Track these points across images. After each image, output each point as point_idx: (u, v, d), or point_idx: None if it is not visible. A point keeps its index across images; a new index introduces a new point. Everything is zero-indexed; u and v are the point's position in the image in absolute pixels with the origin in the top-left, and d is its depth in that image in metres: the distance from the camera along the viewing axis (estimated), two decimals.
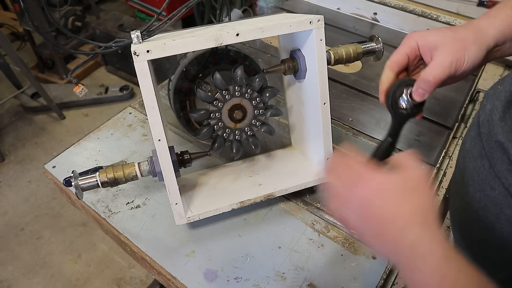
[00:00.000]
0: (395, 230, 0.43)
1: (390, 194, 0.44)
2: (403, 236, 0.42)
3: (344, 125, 1.00)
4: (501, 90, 0.53)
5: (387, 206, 0.44)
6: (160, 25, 0.62)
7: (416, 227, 0.42)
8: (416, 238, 0.41)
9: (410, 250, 0.41)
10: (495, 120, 0.51)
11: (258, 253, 0.72)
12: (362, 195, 0.46)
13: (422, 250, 0.40)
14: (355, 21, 1.42)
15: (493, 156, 0.51)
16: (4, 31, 3.04)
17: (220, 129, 0.73)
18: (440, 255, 0.39)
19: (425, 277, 0.39)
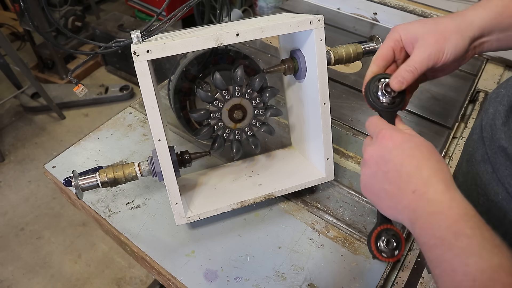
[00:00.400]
0: (418, 184, 0.43)
1: (411, 152, 0.46)
2: (426, 190, 0.42)
3: (344, 125, 1.00)
4: (504, 94, 0.53)
5: (409, 161, 0.45)
6: (160, 25, 0.62)
7: (439, 184, 0.42)
8: (438, 193, 0.41)
9: (430, 205, 0.41)
10: (498, 125, 0.51)
11: (258, 253, 0.72)
12: (383, 150, 0.47)
13: (442, 205, 0.40)
14: (355, 21, 1.42)
15: (496, 161, 0.51)
16: (4, 31, 3.04)
17: (220, 129, 0.73)
18: (459, 212, 0.39)
19: (441, 232, 0.39)
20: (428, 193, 0.42)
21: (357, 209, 0.80)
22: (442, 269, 0.38)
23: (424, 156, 0.45)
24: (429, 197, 0.42)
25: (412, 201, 0.43)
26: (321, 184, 0.82)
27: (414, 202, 0.43)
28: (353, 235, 0.75)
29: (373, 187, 0.49)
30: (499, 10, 0.54)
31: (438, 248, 0.39)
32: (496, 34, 0.55)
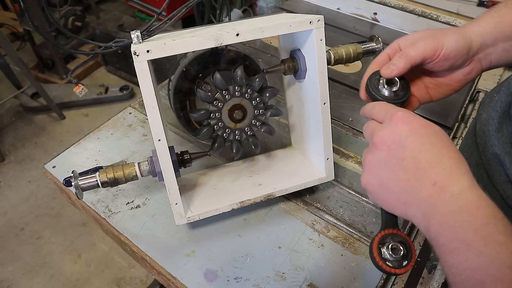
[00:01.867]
0: (440, 174, 0.37)
1: (431, 139, 0.40)
2: (449, 183, 0.37)
3: (344, 125, 1.00)
4: (497, 100, 0.53)
5: (429, 148, 0.39)
6: (160, 25, 0.62)
7: (463, 177, 0.37)
8: (464, 189, 0.36)
9: (454, 202, 0.36)
10: (491, 131, 0.51)
11: (258, 253, 0.72)
12: (398, 135, 0.41)
13: (469, 203, 0.35)
14: (355, 21, 1.42)
15: (490, 167, 0.50)
16: (4, 31, 3.04)
17: (220, 129, 0.73)
18: (489, 214, 0.34)
19: (468, 235, 0.34)
20: (452, 187, 0.36)
21: (357, 209, 0.80)
22: (465, 277, 0.33)
23: (444, 145, 0.39)
24: (454, 192, 0.36)
25: (432, 194, 0.37)
26: (321, 184, 0.82)
27: (434, 195, 0.37)
28: (353, 235, 0.75)
29: (381, 176, 0.42)
30: (497, 20, 0.52)
31: (461, 254, 0.34)
32: (501, 44, 0.52)
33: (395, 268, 0.45)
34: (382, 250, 0.46)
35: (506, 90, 0.53)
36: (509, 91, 0.52)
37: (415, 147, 0.40)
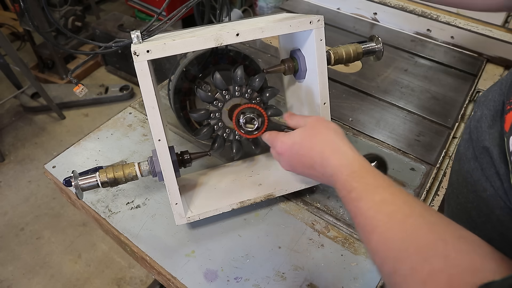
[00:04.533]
0: (322, 162, 0.55)
1: (309, 141, 0.58)
2: (324, 168, 0.55)
3: (344, 125, 1.00)
4: (490, 99, 0.54)
5: (310, 147, 0.57)
6: (160, 25, 0.62)
7: (335, 157, 0.54)
8: (337, 166, 0.53)
9: (332, 177, 0.53)
10: (484, 127, 0.52)
11: (258, 253, 0.72)
12: (291, 147, 0.60)
13: (337, 176, 0.52)
14: (355, 21, 1.42)
15: (482, 161, 0.53)
16: (4, 31, 3.04)
17: (220, 129, 0.73)
18: (347, 174, 0.50)
19: (340, 192, 0.51)
20: (340, 160, 0.54)
21: None
22: (353, 214, 0.47)
23: (321, 138, 0.58)
24: (342, 163, 0.53)
25: (333, 168, 0.54)
26: (321, 184, 0.82)
27: (334, 170, 0.54)
28: (353, 235, 0.75)
29: (295, 167, 0.61)
30: None
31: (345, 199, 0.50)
32: None
33: (246, 134, 0.67)
34: (240, 119, 0.66)
35: (498, 90, 0.54)
36: (501, 91, 0.53)
37: (306, 147, 0.58)
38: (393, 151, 0.93)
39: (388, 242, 0.40)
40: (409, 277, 0.36)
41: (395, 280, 0.38)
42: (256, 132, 0.67)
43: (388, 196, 0.44)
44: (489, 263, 0.35)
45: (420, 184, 0.85)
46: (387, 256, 0.40)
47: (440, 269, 0.35)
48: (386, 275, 0.40)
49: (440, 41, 1.33)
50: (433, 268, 0.35)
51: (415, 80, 1.16)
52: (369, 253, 0.44)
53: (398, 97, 1.10)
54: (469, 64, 1.22)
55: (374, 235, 0.42)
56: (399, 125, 1.01)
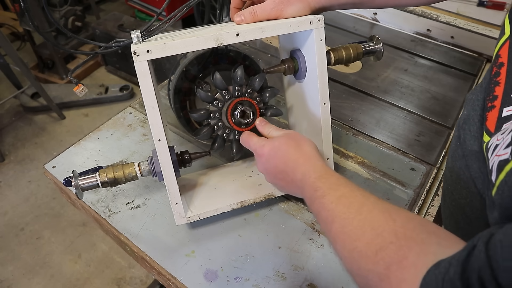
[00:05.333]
0: (294, 167, 0.59)
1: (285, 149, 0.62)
2: (295, 173, 0.59)
3: (344, 125, 1.00)
4: (474, 99, 0.55)
5: (285, 153, 0.61)
6: (160, 25, 0.62)
7: (306, 164, 0.58)
8: (306, 170, 0.57)
9: (300, 181, 0.57)
10: (473, 131, 0.54)
11: (258, 253, 0.72)
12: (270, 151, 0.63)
13: (306, 180, 0.56)
14: (355, 21, 1.42)
15: (469, 161, 0.54)
16: (4, 31, 3.04)
17: (220, 129, 0.73)
18: (315, 177, 0.55)
19: (307, 194, 0.55)
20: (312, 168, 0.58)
21: None
22: (316, 211, 0.52)
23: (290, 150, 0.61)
24: (310, 171, 0.57)
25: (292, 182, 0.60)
26: None
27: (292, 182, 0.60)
28: None
29: (269, 174, 0.65)
30: None
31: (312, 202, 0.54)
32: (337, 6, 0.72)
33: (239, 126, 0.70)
34: (233, 113, 0.69)
35: (479, 88, 0.54)
36: (482, 88, 0.53)
37: (277, 158, 0.62)
38: (393, 151, 0.93)
39: (346, 227, 0.45)
40: (364, 250, 0.41)
41: (353, 258, 0.43)
42: (252, 123, 0.71)
43: (347, 191, 0.50)
44: (434, 237, 0.39)
45: (420, 184, 0.85)
46: (345, 239, 0.45)
47: (391, 241, 0.39)
48: (346, 256, 0.44)
49: (440, 41, 1.33)
50: (385, 240, 0.40)
51: (415, 80, 1.16)
52: (331, 243, 0.48)
53: (398, 97, 1.10)
54: (469, 64, 1.22)
55: (335, 224, 0.47)
56: (399, 125, 1.01)
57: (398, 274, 0.37)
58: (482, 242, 0.31)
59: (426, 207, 0.82)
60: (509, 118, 0.44)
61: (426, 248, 0.37)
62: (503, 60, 0.49)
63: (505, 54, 0.49)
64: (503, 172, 0.37)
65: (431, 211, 0.81)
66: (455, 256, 0.33)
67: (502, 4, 1.35)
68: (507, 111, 0.45)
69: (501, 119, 0.45)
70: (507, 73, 0.48)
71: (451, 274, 0.31)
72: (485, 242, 0.30)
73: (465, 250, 0.32)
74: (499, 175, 0.37)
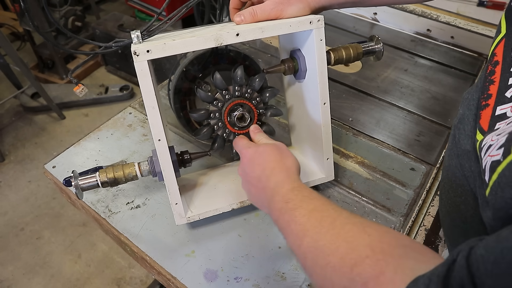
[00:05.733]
0: (269, 174, 0.57)
1: (268, 156, 0.60)
2: (269, 181, 0.57)
3: (344, 125, 1.00)
4: (470, 99, 0.55)
5: (266, 160, 0.60)
6: (160, 25, 0.62)
7: (282, 175, 0.57)
8: (281, 180, 0.55)
9: (272, 190, 0.55)
10: (467, 130, 0.54)
11: (258, 253, 0.72)
12: (253, 154, 0.62)
13: (278, 189, 0.54)
14: (355, 21, 1.42)
15: (462, 160, 0.54)
16: (4, 31, 3.04)
17: (220, 129, 0.73)
18: (288, 188, 0.53)
19: (277, 205, 0.53)
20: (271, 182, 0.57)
21: (357, 210, 0.80)
22: (285, 224, 0.51)
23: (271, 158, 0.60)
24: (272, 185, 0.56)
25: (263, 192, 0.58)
26: (321, 184, 0.82)
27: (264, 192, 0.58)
28: None
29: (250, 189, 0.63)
30: None
31: (279, 217, 0.52)
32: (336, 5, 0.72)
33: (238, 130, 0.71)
34: (231, 114, 0.70)
35: (475, 87, 0.54)
36: (477, 87, 0.53)
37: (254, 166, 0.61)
38: (393, 151, 0.93)
39: (319, 242, 0.43)
40: (339, 266, 0.39)
41: (326, 274, 0.41)
42: (247, 127, 0.71)
43: (320, 205, 0.48)
44: (411, 251, 0.38)
45: (420, 184, 0.85)
46: (318, 254, 0.43)
47: (366, 255, 0.38)
48: (318, 273, 0.42)
49: (440, 41, 1.33)
50: (360, 254, 0.38)
51: (415, 80, 1.16)
52: (299, 259, 0.46)
53: (398, 97, 1.10)
54: (469, 64, 1.22)
55: (306, 238, 0.45)
56: (399, 125, 1.01)
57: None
58: (463, 256, 0.30)
59: (426, 207, 0.82)
60: (503, 116, 0.44)
61: (403, 263, 0.36)
62: (498, 59, 0.49)
63: (500, 52, 0.49)
64: (495, 173, 0.36)
65: (431, 211, 0.81)
66: (435, 271, 0.31)
67: (502, 4, 1.36)
68: (500, 109, 0.45)
69: (494, 118, 0.45)
70: (502, 72, 0.47)
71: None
72: (466, 257, 0.29)
73: (444, 265, 0.31)
74: (492, 176, 0.37)
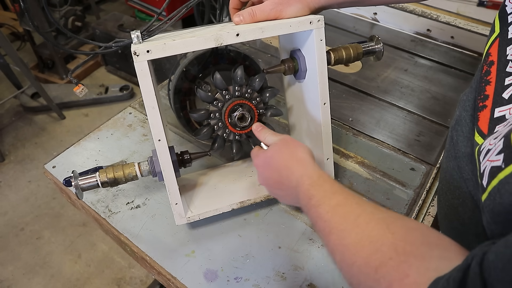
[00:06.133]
0: (288, 174, 0.58)
1: (279, 157, 0.61)
2: (289, 181, 0.58)
3: (344, 125, 1.00)
4: (465, 100, 0.55)
5: (279, 161, 0.60)
6: (160, 25, 0.62)
7: (298, 169, 0.57)
8: (300, 176, 0.56)
9: (295, 189, 0.56)
10: (465, 132, 0.54)
11: (258, 253, 0.72)
12: (264, 161, 0.63)
13: (300, 187, 0.55)
14: (355, 21, 1.42)
15: (461, 163, 0.54)
16: (4, 31, 3.04)
17: (220, 129, 0.73)
18: (308, 183, 0.54)
19: (302, 202, 0.54)
20: (305, 176, 0.56)
21: None
22: (313, 220, 0.51)
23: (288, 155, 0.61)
24: (305, 177, 0.56)
25: (298, 182, 0.57)
26: None
27: (298, 183, 0.57)
28: None
29: (267, 182, 0.64)
30: None
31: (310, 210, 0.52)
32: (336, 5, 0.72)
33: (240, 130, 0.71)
34: (231, 115, 0.69)
35: (469, 88, 0.54)
36: (472, 88, 0.53)
37: (272, 164, 0.61)
38: (393, 151, 0.93)
39: (344, 240, 0.44)
40: (364, 266, 0.40)
41: (352, 272, 0.41)
42: (248, 127, 0.71)
43: (342, 200, 0.49)
44: (436, 249, 0.38)
45: (420, 184, 0.85)
46: (344, 252, 0.43)
47: (390, 257, 0.38)
48: (346, 271, 0.43)
49: (440, 41, 1.33)
50: (384, 255, 0.38)
51: (415, 80, 1.16)
52: (330, 254, 0.47)
53: (398, 97, 1.10)
54: (469, 64, 1.22)
55: (332, 236, 0.46)
56: (399, 125, 1.01)
57: None
58: (476, 262, 0.30)
59: (426, 207, 0.82)
60: (502, 119, 0.44)
61: (427, 264, 0.36)
62: (493, 59, 0.49)
63: (495, 52, 0.49)
64: (495, 179, 0.36)
65: (431, 211, 0.81)
66: (452, 275, 0.32)
67: None
68: (499, 111, 0.45)
69: (493, 120, 0.45)
70: (498, 72, 0.47)
71: None
72: (479, 263, 0.30)
73: (460, 270, 0.31)
74: (492, 181, 0.37)
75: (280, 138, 0.65)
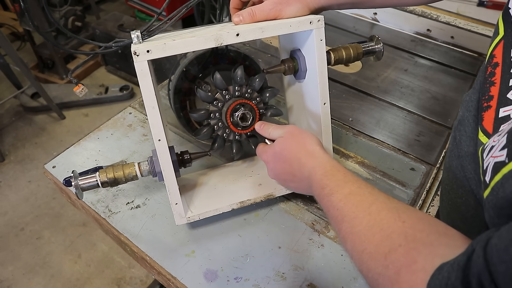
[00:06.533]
0: (299, 166, 0.60)
1: (288, 150, 0.62)
2: (301, 172, 0.60)
3: (344, 125, 1.00)
4: (468, 101, 0.55)
5: (289, 154, 0.61)
6: (160, 25, 0.62)
7: (310, 161, 0.59)
8: (312, 167, 0.57)
9: (308, 179, 0.58)
10: (468, 132, 0.54)
11: (258, 253, 0.72)
12: (274, 156, 0.65)
13: (312, 177, 0.56)
14: (355, 21, 1.42)
15: (464, 162, 0.54)
16: (4, 31, 3.04)
17: (220, 129, 0.73)
18: (321, 173, 0.55)
19: (315, 191, 0.55)
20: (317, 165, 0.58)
21: None
22: (326, 209, 0.52)
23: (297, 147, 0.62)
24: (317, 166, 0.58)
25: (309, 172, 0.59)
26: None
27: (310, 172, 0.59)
28: None
29: (279, 175, 0.66)
30: None
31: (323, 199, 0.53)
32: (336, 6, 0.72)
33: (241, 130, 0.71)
34: (233, 115, 0.70)
35: (472, 89, 0.54)
36: (475, 89, 0.54)
37: (283, 157, 0.63)
38: (393, 151, 0.93)
39: (355, 227, 0.45)
40: (374, 253, 0.41)
41: (363, 259, 0.42)
42: (250, 127, 0.71)
43: (355, 189, 0.50)
44: (444, 237, 0.39)
45: (420, 184, 0.85)
46: (355, 239, 0.44)
47: (399, 244, 0.39)
48: (356, 258, 0.44)
49: (440, 41, 1.33)
50: (394, 242, 0.40)
51: (415, 80, 1.16)
52: (341, 242, 0.48)
53: (398, 97, 1.10)
54: (469, 64, 1.22)
55: (344, 223, 0.47)
56: (399, 125, 1.01)
57: (408, 279, 0.36)
58: (480, 246, 0.31)
59: (426, 207, 0.82)
60: (506, 119, 0.44)
61: (435, 250, 0.37)
62: (497, 60, 0.49)
63: (500, 54, 0.49)
64: (499, 174, 0.37)
65: (431, 211, 0.81)
66: (456, 260, 0.33)
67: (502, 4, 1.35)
68: (503, 111, 0.45)
69: (498, 120, 0.45)
70: (502, 73, 0.48)
71: (452, 279, 0.31)
72: (483, 247, 0.31)
73: (465, 254, 0.32)
74: (495, 177, 0.37)
75: (286, 130, 0.65)
